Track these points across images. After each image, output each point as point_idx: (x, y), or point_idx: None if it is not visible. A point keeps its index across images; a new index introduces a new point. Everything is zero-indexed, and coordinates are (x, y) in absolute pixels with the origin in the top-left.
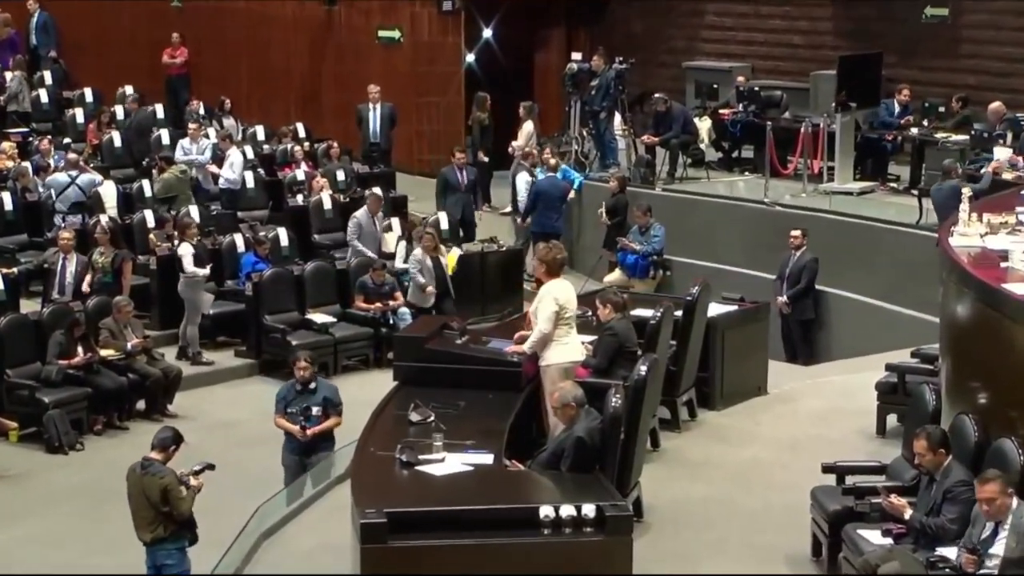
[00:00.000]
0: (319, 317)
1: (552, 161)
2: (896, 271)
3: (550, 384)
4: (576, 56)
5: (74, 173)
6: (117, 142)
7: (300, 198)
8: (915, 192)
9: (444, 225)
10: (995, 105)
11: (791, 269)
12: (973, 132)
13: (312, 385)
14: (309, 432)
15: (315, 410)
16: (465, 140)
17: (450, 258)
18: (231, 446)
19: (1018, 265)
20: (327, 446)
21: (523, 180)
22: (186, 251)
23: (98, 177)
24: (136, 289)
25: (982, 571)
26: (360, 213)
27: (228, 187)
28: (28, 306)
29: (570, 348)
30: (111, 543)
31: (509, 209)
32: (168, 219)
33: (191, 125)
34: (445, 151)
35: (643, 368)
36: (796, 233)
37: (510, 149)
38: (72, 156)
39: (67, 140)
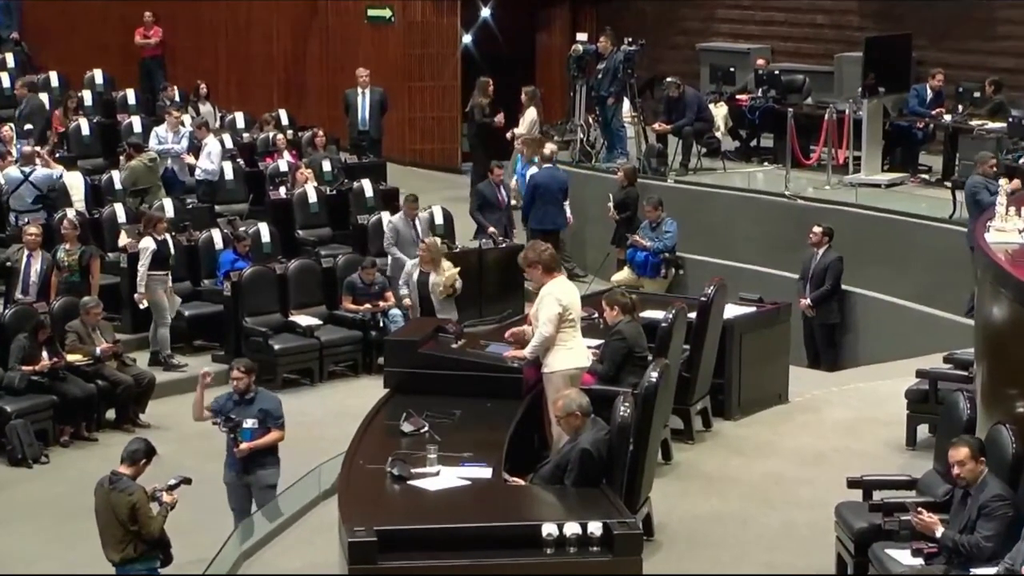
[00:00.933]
0: (304, 319)
1: (547, 151)
2: (928, 270)
3: (553, 392)
4: (581, 37)
5: (28, 169)
6: (85, 130)
7: (283, 191)
8: (948, 184)
9: (439, 219)
10: None
11: (814, 269)
12: (1011, 119)
13: (249, 395)
14: (244, 447)
15: (249, 423)
16: (461, 128)
17: (447, 276)
18: (209, 459)
19: None
20: (269, 463)
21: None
22: (147, 246)
23: (57, 171)
24: (106, 289)
25: None
26: (396, 218)
27: (205, 179)
28: None
29: (575, 353)
30: (79, 563)
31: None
32: (141, 213)
33: (172, 112)
34: (440, 140)
35: (654, 375)
36: (817, 230)
37: (509, 135)
38: (27, 149)
39: (29, 127)
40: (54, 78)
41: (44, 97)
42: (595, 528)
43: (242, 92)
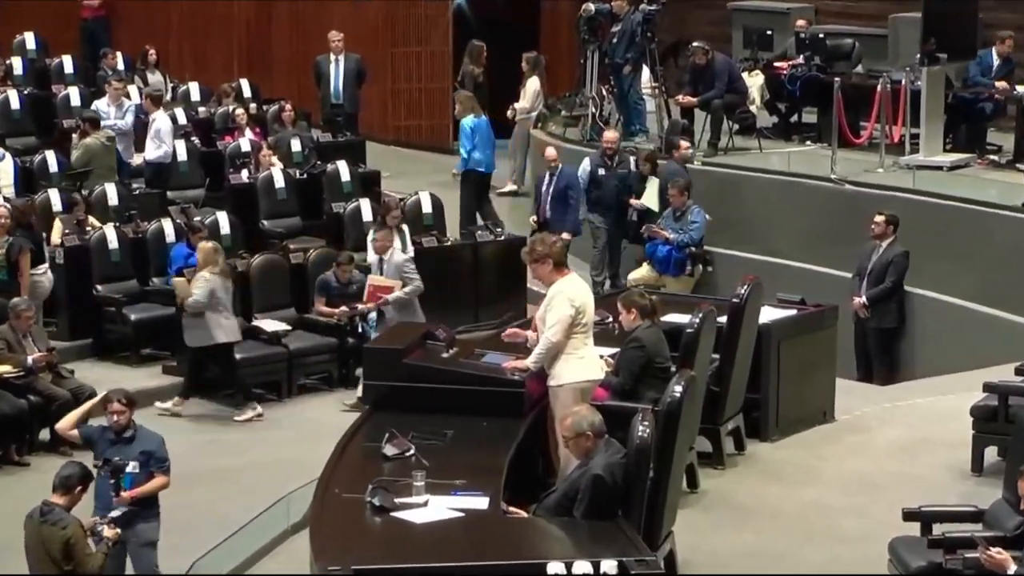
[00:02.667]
0: (269, 324)
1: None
2: (997, 266)
3: (561, 408)
4: None
5: None
6: (15, 103)
7: (245, 174)
8: (1021, 167)
9: (426, 207)
10: None
11: (874, 264)
12: None
13: (129, 433)
14: (126, 495)
15: (132, 466)
16: (452, 102)
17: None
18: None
19: None
20: (150, 515)
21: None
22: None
23: None
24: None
25: None
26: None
27: (154, 161)
28: None
29: (586, 363)
30: None
31: (509, 188)
32: (78, 201)
33: (114, 83)
34: (427, 115)
35: (678, 388)
36: (879, 219)
37: (510, 112)
38: None
39: None
40: None
41: None
42: (609, 567)
43: (197, 60)
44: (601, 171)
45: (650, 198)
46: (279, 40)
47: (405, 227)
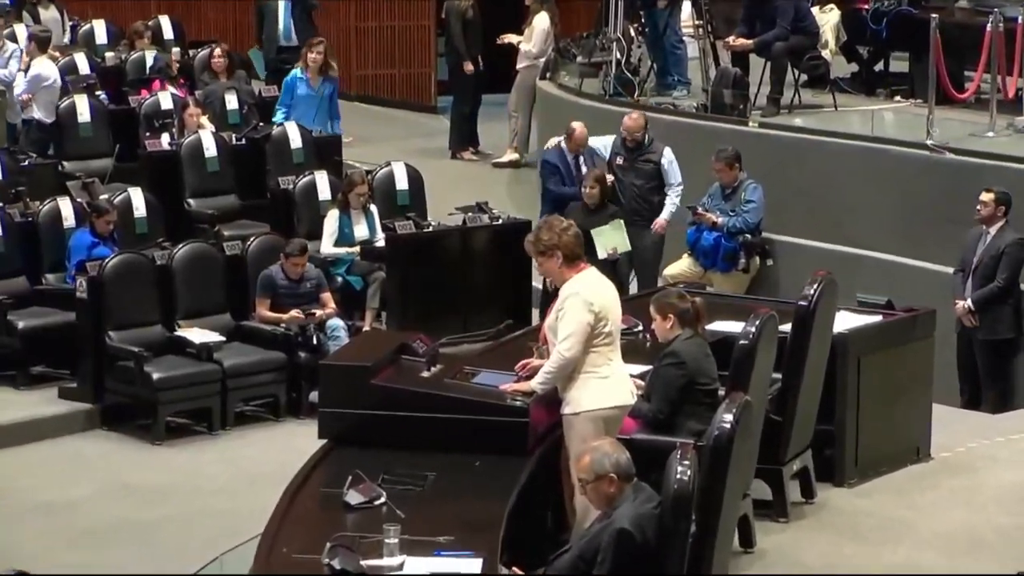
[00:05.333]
0: (198, 334)
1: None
2: None
3: (577, 444)
4: None
5: None
6: None
7: (165, 139)
8: None
9: (402, 183)
10: None
11: (981, 256)
12: None
13: None
14: None
15: None
16: (437, 45)
17: None
18: (59, 543)
19: None
20: None
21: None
22: None
23: None
24: None
25: None
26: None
27: (34, 120)
28: None
29: (610, 385)
30: None
31: (509, 157)
32: None
33: None
34: (404, 62)
35: (728, 418)
36: (986, 197)
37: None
38: None
39: None
40: None
41: None
42: None
43: None
44: (620, 159)
45: (614, 237)
46: None
47: (374, 208)
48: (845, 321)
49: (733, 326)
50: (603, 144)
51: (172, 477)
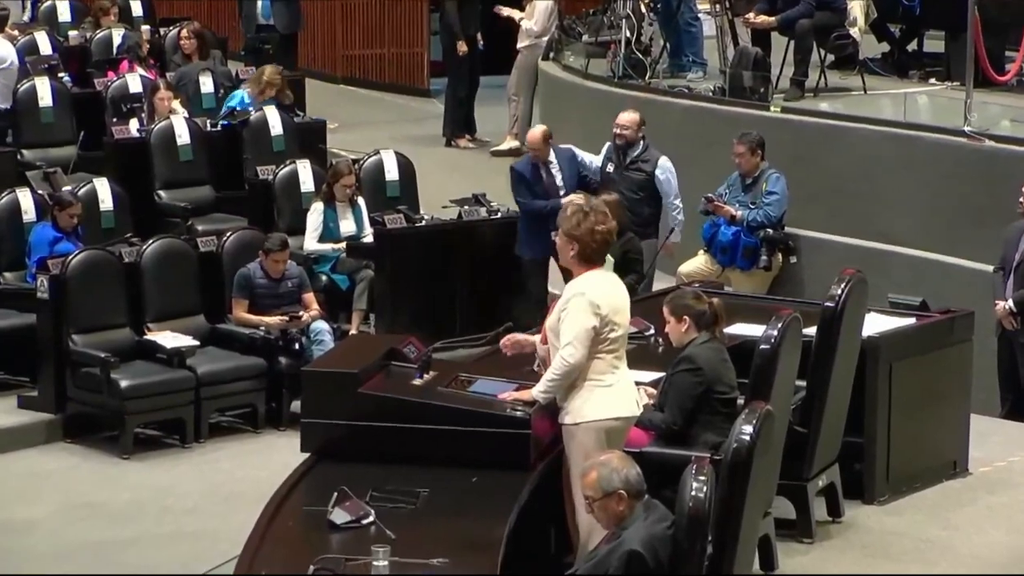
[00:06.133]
0: (169, 338)
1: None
2: None
3: (582, 458)
4: None
5: None
6: None
7: (134, 125)
8: None
9: (392, 173)
10: None
11: (1023, 253)
12: None
13: None
14: None
15: None
16: (430, 22)
17: None
18: (17, 567)
19: None
20: None
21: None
22: None
23: None
24: None
25: None
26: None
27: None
28: None
29: (617, 394)
30: None
31: (509, 145)
32: None
33: None
34: (394, 41)
35: (747, 429)
36: None
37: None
38: None
39: None
40: None
41: None
42: None
43: None
44: (610, 165)
45: None
46: None
47: (361, 200)
48: (875, 324)
49: (753, 329)
50: (589, 159)
51: (141, 495)
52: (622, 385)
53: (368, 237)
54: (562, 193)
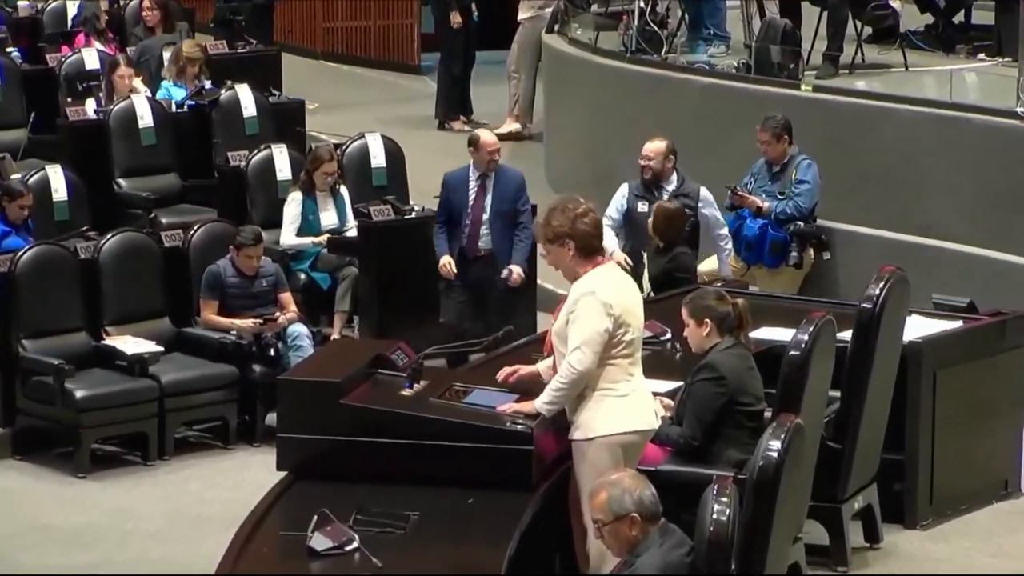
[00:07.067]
0: (130, 344)
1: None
2: None
3: (591, 476)
4: None
5: None
6: None
7: (91, 106)
8: None
9: (379, 160)
10: None
11: None
12: None
13: None
14: None
15: None
16: None
17: None
18: None
19: None
20: None
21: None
22: None
23: None
24: None
25: None
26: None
27: None
28: None
29: (631, 405)
30: None
31: (509, 127)
32: None
33: None
34: (381, 12)
35: (775, 445)
36: None
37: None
38: None
39: None
40: None
41: None
42: None
43: None
44: (642, 206)
45: None
46: None
47: (344, 190)
48: (918, 327)
49: (782, 333)
50: (617, 197)
51: (99, 518)
52: (638, 394)
53: (352, 231)
54: (485, 216)
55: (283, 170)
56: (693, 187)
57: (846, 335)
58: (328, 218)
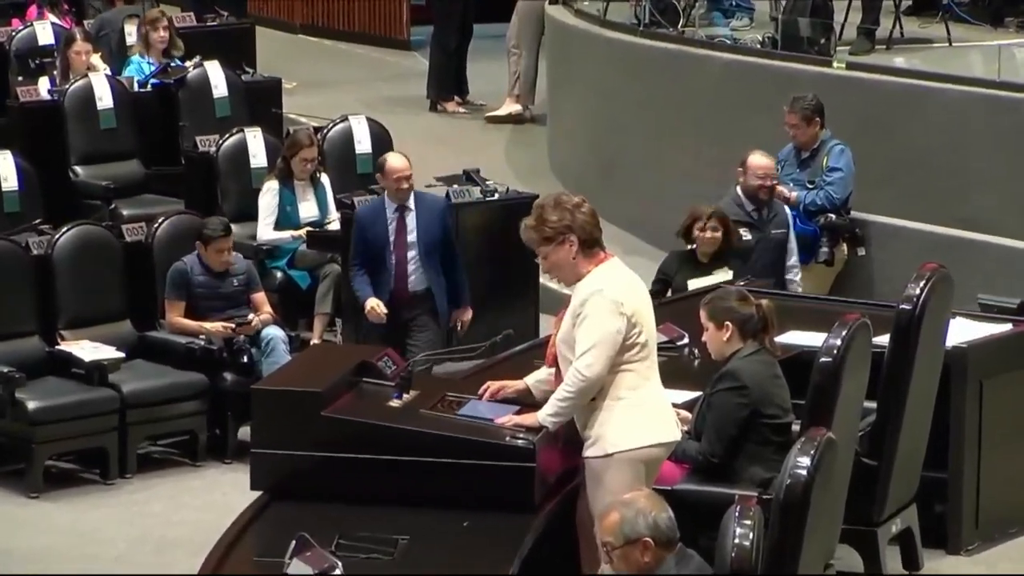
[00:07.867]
0: (88, 350)
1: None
2: None
3: (603, 497)
4: None
5: None
6: None
7: (45, 85)
8: None
9: (364, 144)
10: None
11: None
12: None
13: None
14: None
15: None
16: None
17: None
18: None
19: None
20: None
21: None
22: None
23: None
24: None
25: None
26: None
27: None
28: None
29: (647, 415)
30: None
31: (509, 109)
32: None
33: None
34: None
35: (804, 462)
36: None
37: None
38: None
39: None
40: None
41: None
42: None
43: None
44: (746, 234)
45: None
46: None
47: (325, 178)
48: (963, 331)
49: (812, 338)
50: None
51: (54, 540)
52: (657, 402)
53: (334, 223)
54: (411, 254)
55: (257, 156)
56: (779, 207)
57: (883, 340)
58: (307, 210)
